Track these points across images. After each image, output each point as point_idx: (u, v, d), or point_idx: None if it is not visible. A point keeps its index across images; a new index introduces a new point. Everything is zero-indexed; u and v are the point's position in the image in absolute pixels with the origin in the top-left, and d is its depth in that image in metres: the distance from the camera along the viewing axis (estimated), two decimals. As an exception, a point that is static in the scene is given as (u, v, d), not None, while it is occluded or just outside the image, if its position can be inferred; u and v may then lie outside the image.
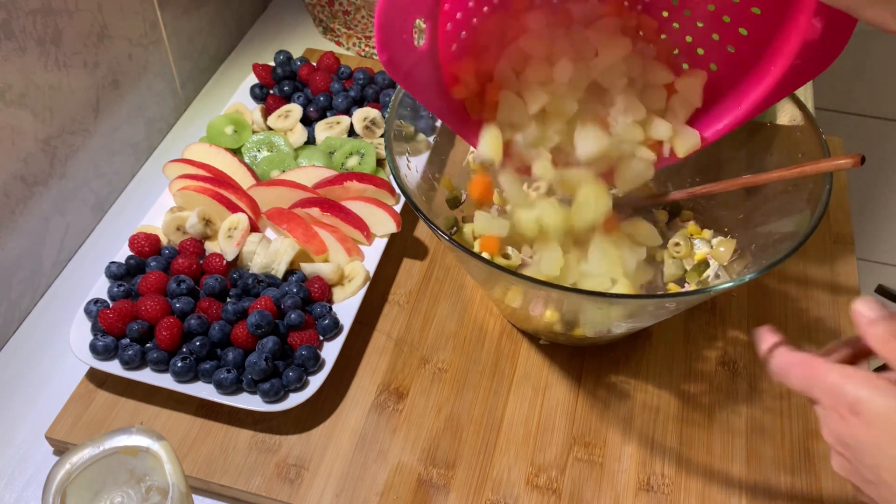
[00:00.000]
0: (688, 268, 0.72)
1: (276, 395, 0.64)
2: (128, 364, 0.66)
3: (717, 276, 0.69)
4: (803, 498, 0.63)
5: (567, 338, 0.70)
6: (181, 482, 0.49)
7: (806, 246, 0.57)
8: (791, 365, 0.47)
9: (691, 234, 0.74)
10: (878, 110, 1.36)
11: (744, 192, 0.69)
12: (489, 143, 0.64)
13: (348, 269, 0.74)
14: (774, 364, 0.48)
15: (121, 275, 0.72)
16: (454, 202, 0.74)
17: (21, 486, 0.64)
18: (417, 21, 0.54)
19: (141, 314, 0.68)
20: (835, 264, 0.80)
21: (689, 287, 0.70)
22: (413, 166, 0.68)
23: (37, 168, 0.74)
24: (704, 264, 0.71)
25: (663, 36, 0.65)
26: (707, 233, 0.73)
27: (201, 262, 0.74)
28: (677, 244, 0.72)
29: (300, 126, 0.88)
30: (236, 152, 0.86)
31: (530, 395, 0.69)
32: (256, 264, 0.74)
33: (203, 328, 0.68)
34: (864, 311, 0.46)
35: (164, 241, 0.77)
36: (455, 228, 0.72)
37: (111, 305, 0.69)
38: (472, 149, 0.75)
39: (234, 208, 0.77)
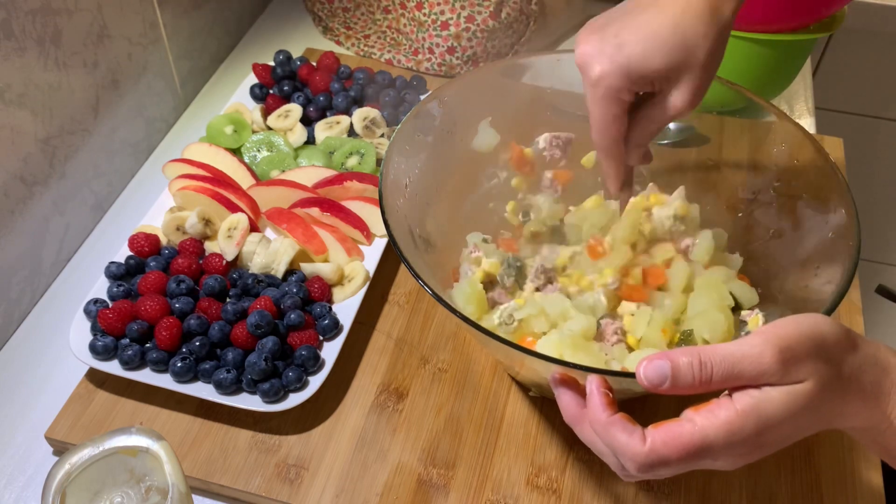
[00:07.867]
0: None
1: (275, 396, 0.64)
2: (127, 364, 0.66)
3: None
4: (803, 498, 0.63)
5: None
6: (181, 482, 0.49)
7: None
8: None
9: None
10: (878, 110, 1.36)
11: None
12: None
13: (348, 269, 0.74)
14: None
15: (120, 275, 0.72)
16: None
17: (21, 486, 0.64)
18: None
19: (140, 314, 0.68)
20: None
21: None
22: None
23: (36, 168, 0.74)
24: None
25: None
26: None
27: (201, 262, 0.74)
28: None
29: (300, 126, 0.88)
30: (236, 152, 0.86)
31: (530, 395, 0.69)
32: (256, 264, 0.74)
33: (203, 328, 0.68)
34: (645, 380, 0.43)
35: (163, 241, 0.76)
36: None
37: (111, 305, 0.69)
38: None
39: (233, 208, 0.77)
